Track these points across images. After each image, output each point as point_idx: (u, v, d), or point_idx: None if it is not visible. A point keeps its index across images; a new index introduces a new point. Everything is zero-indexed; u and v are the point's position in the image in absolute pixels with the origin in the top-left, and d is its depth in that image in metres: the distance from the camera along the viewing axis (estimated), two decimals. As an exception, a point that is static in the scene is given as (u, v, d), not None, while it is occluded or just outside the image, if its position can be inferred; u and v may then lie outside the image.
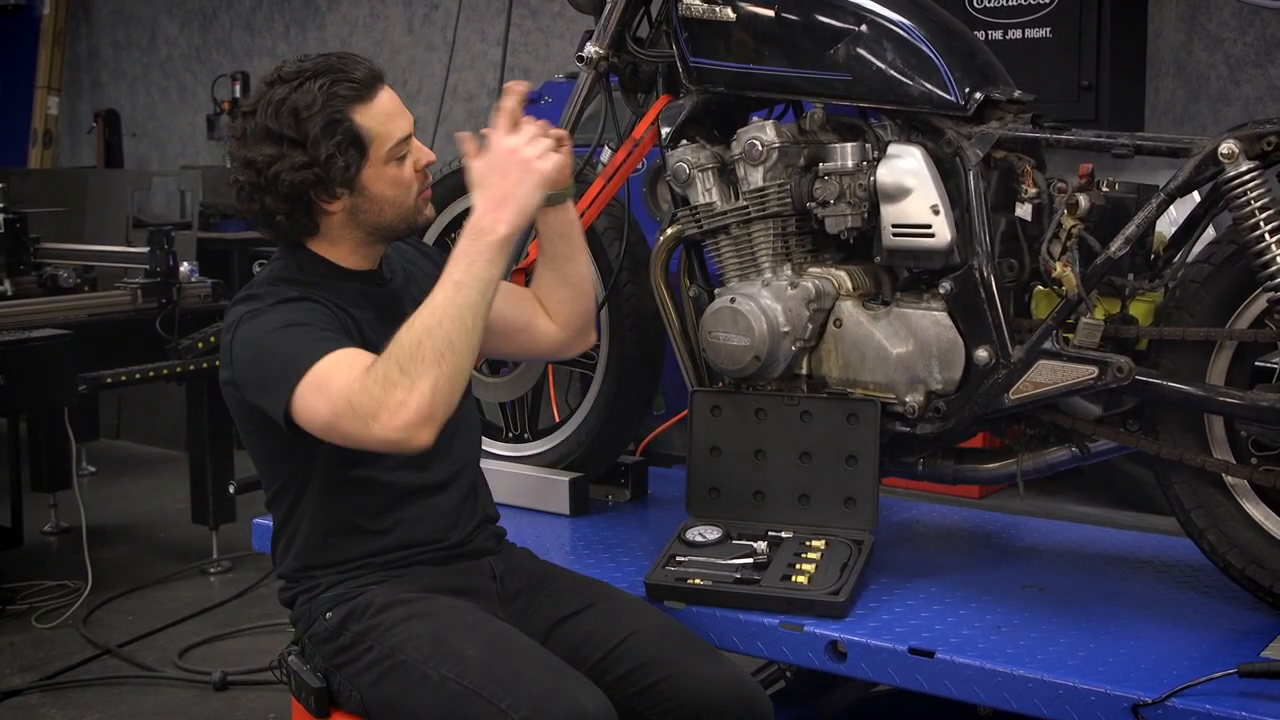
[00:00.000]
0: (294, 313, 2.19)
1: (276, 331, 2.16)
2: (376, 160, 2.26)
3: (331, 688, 2.27)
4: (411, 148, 2.31)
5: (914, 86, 2.57)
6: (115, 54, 9.84)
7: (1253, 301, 2.35)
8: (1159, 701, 2.03)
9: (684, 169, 2.75)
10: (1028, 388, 2.45)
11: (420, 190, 2.33)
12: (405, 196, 2.31)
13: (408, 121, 2.31)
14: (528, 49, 7.29)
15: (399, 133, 2.28)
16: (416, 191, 2.32)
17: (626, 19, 2.94)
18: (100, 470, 6.45)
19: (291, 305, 2.21)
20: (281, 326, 2.17)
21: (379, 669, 2.19)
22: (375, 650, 2.20)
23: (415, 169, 2.32)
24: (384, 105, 2.27)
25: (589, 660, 2.24)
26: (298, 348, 2.12)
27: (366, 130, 2.24)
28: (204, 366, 4.88)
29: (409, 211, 2.32)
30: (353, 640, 2.23)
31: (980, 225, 2.49)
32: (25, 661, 4.20)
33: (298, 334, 2.15)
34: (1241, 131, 2.33)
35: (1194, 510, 2.42)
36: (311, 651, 2.31)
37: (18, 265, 5.31)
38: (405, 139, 2.29)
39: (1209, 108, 5.40)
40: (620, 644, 2.25)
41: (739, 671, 2.26)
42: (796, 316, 2.62)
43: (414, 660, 2.15)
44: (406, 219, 2.33)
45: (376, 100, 2.26)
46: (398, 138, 2.28)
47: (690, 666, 2.21)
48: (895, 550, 2.76)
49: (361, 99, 2.25)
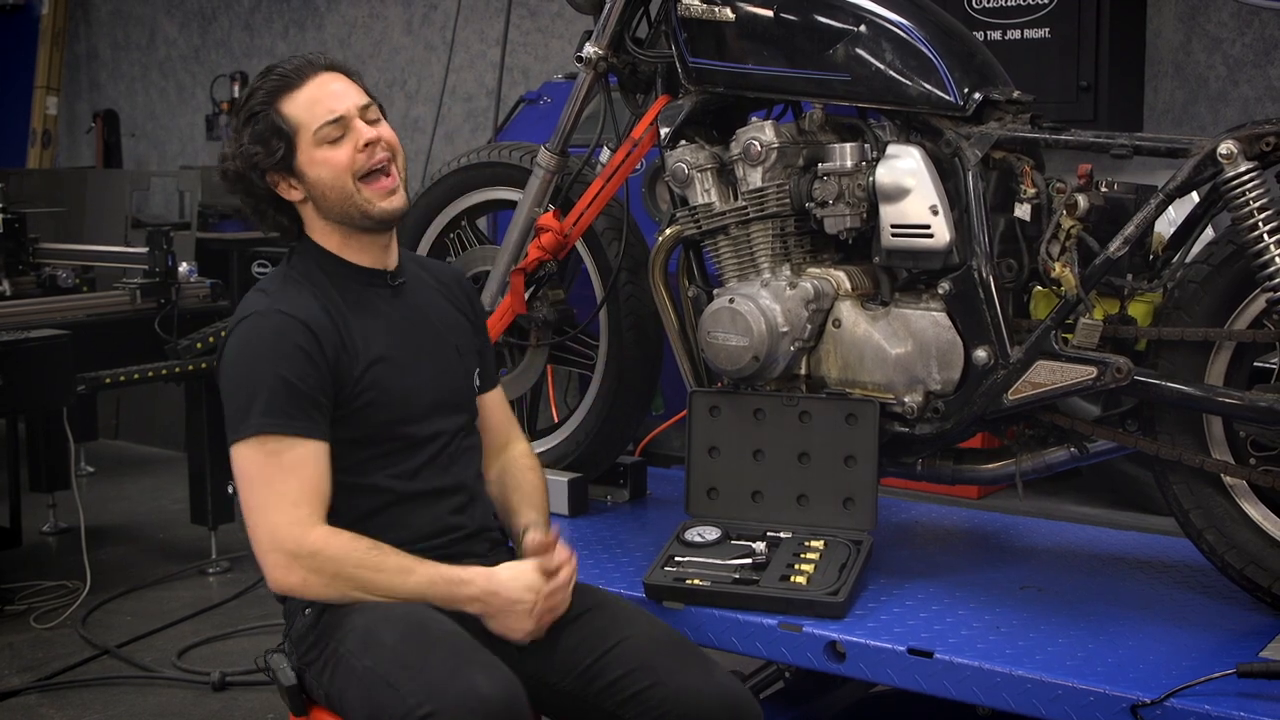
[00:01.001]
0: (277, 353, 2.24)
1: (258, 364, 2.25)
2: (306, 145, 2.31)
3: (305, 685, 2.29)
4: (350, 128, 2.31)
5: (913, 87, 2.57)
6: (114, 54, 9.84)
7: (1251, 302, 2.35)
8: (1157, 702, 2.03)
9: (683, 169, 2.75)
10: (1026, 388, 2.45)
11: (360, 174, 2.31)
12: (340, 179, 2.31)
13: (344, 104, 2.32)
14: (526, 49, 7.29)
15: (324, 115, 2.30)
16: (354, 172, 2.31)
17: (625, 19, 2.94)
18: (99, 470, 6.45)
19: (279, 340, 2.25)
20: (262, 360, 2.25)
21: (330, 664, 2.22)
22: (329, 646, 2.22)
23: (355, 149, 2.31)
24: (309, 92, 2.32)
25: (580, 665, 2.24)
26: (255, 403, 2.23)
27: (289, 118, 2.31)
28: (203, 367, 4.88)
29: (349, 197, 2.32)
30: (318, 637, 2.25)
31: (979, 225, 2.49)
32: (24, 662, 4.20)
33: (276, 386, 2.22)
34: (1240, 132, 2.33)
35: (1192, 510, 2.42)
36: (290, 649, 2.33)
37: (16, 265, 5.30)
38: (334, 121, 2.30)
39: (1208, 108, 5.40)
40: (610, 650, 2.24)
41: (729, 681, 2.26)
42: (795, 317, 2.62)
43: (347, 653, 2.18)
44: (350, 203, 2.32)
45: (303, 88, 2.32)
46: (322, 120, 2.30)
47: (678, 674, 2.20)
48: (894, 550, 2.76)
49: (287, 89, 2.32)
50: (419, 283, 2.49)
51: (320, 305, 2.31)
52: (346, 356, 2.30)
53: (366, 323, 2.35)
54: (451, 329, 2.48)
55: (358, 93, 2.36)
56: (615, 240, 3.04)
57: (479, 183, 3.23)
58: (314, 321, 2.28)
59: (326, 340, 2.28)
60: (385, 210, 2.35)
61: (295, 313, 2.28)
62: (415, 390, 2.36)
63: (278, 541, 2.21)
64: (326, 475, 2.25)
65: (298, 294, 2.32)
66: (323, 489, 2.24)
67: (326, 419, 2.27)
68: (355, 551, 2.21)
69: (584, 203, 2.97)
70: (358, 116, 2.33)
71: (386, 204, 2.35)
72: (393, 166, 2.36)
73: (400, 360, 2.36)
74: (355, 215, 2.34)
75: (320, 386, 2.26)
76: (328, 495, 2.25)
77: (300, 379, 2.24)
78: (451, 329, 2.48)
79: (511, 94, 6.29)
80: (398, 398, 2.34)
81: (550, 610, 2.24)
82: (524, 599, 2.21)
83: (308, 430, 2.23)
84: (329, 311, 2.31)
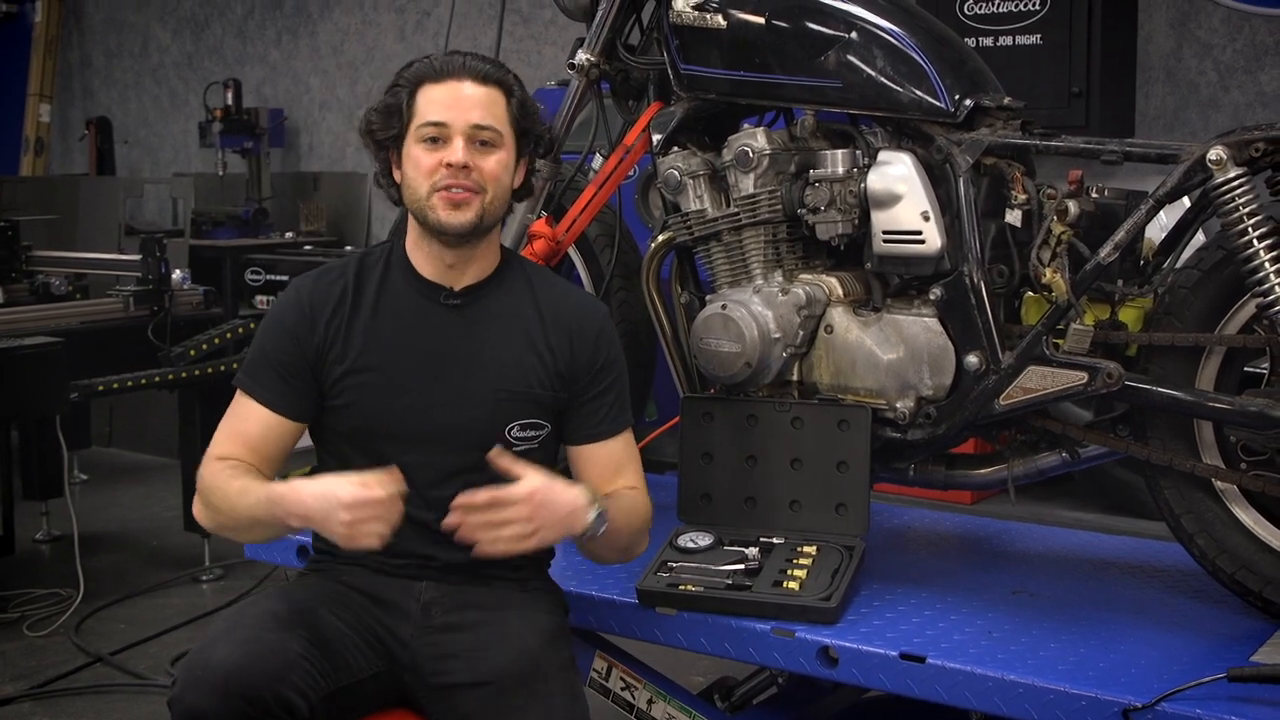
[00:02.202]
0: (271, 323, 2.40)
1: (262, 327, 2.43)
2: (411, 136, 2.34)
3: None
4: (448, 141, 2.31)
5: (904, 93, 2.58)
6: (107, 61, 9.84)
7: (1241, 307, 2.35)
8: (1149, 706, 2.03)
9: (675, 176, 2.75)
10: (1018, 393, 2.45)
11: (437, 186, 2.30)
12: (418, 181, 2.32)
13: (456, 115, 2.31)
14: (519, 56, 7.30)
15: (431, 114, 2.31)
16: (431, 184, 2.31)
17: (618, 26, 2.95)
18: (92, 478, 6.44)
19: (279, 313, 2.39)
20: (261, 327, 2.43)
21: None
22: None
23: (441, 162, 2.30)
24: (442, 92, 2.33)
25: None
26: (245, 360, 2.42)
27: (412, 104, 2.34)
28: (196, 374, 4.88)
29: (419, 201, 2.33)
30: None
31: (970, 231, 2.50)
32: (17, 670, 4.19)
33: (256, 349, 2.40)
34: (1230, 138, 2.34)
35: (1184, 515, 2.43)
36: None
37: (9, 273, 5.31)
38: (436, 123, 2.31)
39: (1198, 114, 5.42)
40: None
41: None
42: (787, 323, 2.63)
43: None
44: (418, 207, 2.34)
45: (441, 85, 2.33)
46: (428, 118, 2.31)
47: None
48: (886, 556, 2.76)
49: (429, 79, 2.35)
50: (504, 312, 2.40)
51: (340, 295, 2.37)
52: (336, 351, 2.34)
53: (384, 329, 2.35)
54: (505, 370, 2.36)
55: (485, 112, 2.32)
56: (608, 247, 3.04)
57: (472, 189, 3.23)
58: (318, 307, 2.36)
59: (320, 328, 2.35)
60: (442, 221, 2.31)
61: (307, 293, 2.39)
62: (402, 413, 2.32)
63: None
64: (269, 440, 2.34)
65: (337, 278, 2.40)
66: (257, 445, 2.33)
67: (296, 394, 2.35)
68: (217, 476, 2.29)
69: (576, 209, 2.97)
70: (463, 134, 2.30)
71: (446, 215, 2.30)
72: (474, 198, 2.31)
73: (396, 378, 2.33)
74: (419, 217, 2.36)
75: (295, 365, 2.35)
76: (266, 453, 2.34)
77: (272, 352, 2.36)
78: (505, 370, 2.36)
79: (504, 101, 6.28)
80: (375, 413, 2.33)
81: (374, 519, 2.11)
82: (313, 509, 2.14)
83: (266, 398, 2.34)
84: (346, 305, 2.36)
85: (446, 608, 2.32)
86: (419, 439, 2.33)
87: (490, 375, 2.35)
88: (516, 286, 2.44)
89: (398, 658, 2.28)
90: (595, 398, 2.43)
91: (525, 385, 2.37)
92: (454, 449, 2.33)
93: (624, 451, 2.46)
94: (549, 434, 2.41)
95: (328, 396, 2.35)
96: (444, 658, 2.27)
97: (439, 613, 2.32)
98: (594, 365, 2.42)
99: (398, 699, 2.31)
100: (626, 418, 2.48)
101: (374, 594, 2.32)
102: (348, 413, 2.34)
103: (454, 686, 2.24)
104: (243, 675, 2.04)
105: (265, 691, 2.05)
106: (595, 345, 2.43)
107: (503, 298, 2.42)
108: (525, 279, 2.46)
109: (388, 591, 2.32)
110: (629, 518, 2.37)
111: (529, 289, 2.45)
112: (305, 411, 2.36)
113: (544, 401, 2.39)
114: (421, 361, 2.35)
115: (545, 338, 2.40)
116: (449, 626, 2.30)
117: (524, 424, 2.37)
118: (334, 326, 2.35)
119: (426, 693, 2.28)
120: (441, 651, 2.27)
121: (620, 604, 2.52)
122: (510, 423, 2.36)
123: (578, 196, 2.99)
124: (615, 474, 2.44)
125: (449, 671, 2.25)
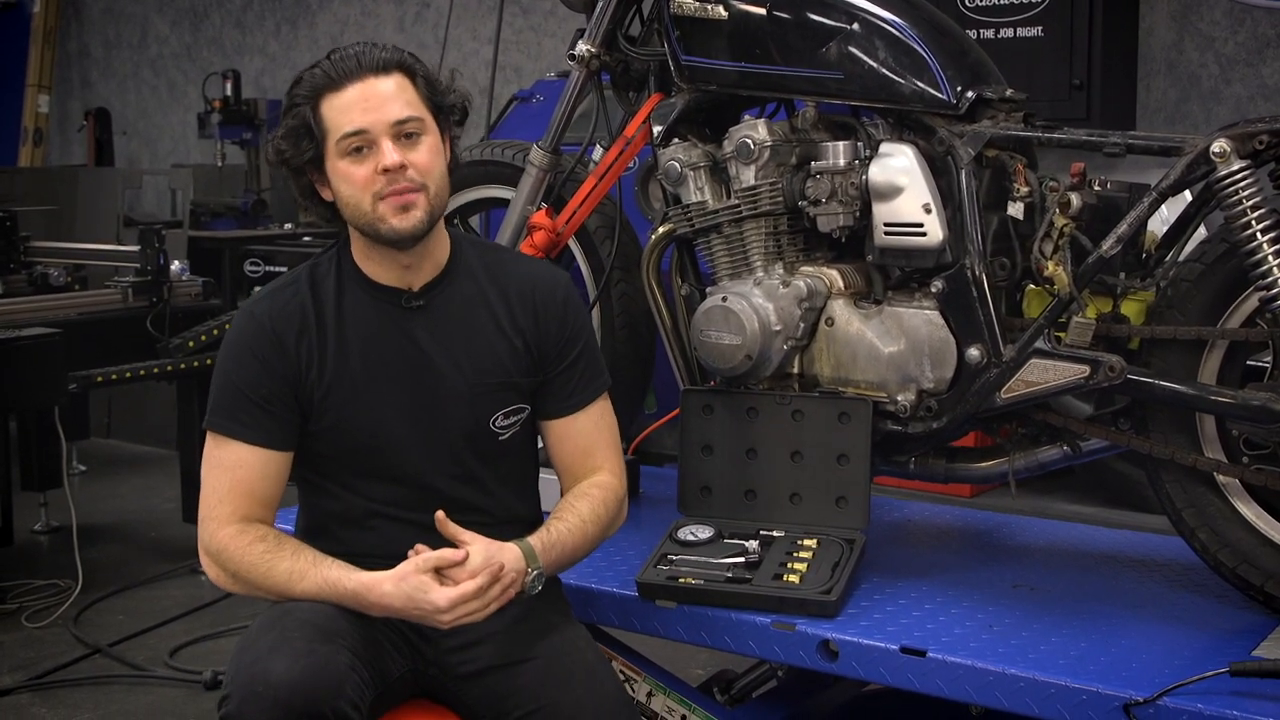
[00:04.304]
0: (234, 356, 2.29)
1: (222, 361, 2.31)
2: (332, 152, 2.22)
3: None
4: (376, 146, 2.19)
5: (906, 85, 2.57)
6: (106, 52, 9.82)
7: (1244, 300, 2.35)
8: (1150, 700, 2.03)
9: (676, 167, 2.74)
10: (1019, 386, 2.45)
11: (381, 195, 2.20)
12: (357, 196, 2.21)
13: (375, 117, 2.18)
14: (519, 47, 7.28)
15: (347, 126, 2.19)
16: (373, 194, 2.20)
17: (618, 17, 2.94)
18: (91, 469, 6.43)
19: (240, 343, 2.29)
20: (223, 361, 2.31)
21: None
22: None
23: (375, 171, 2.19)
24: (350, 95, 2.20)
25: (509, 715, 2.21)
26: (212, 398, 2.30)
27: (321, 118, 2.22)
28: (195, 365, 4.87)
29: (365, 215, 2.22)
30: None
31: (972, 224, 2.49)
32: (15, 661, 4.19)
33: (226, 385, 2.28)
34: (1233, 130, 2.33)
35: (1185, 509, 2.42)
36: None
37: (8, 264, 5.30)
38: (355, 133, 2.18)
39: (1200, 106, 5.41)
40: (534, 712, 2.19)
41: None
42: (788, 315, 2.62)
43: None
44: (365, 222, 2.23)
45: (344, 91, 2.20)
46: (345, 130, 2.19)
47: None
48: (887, 549, 2.76)
49: (329, 89, 2.22)
50: (467, 303, 2.35)
51: (302, 315, 2.28)
52: (314, 374, 2.27)
53: (352, 345, 2.29)
54: (479, 362, 2.33)
55: (402, 104, 2.21)
56: (608, 239, 3.03)
57: (471, 181, 3.22)
58: (282, 329, 2.27)
59: (291, 350, 2.26)
60: (395, 229, 2.21)
61: (268, 318, 2.28)
62: (387, 424, 2.29)
63: (200, 536, 2.26)
64: (268, 477, 2.26)
65: (292, 296, 2.30)
66: (257, 490, 2.25)
67: (280, 424, 2.26)
68: (250, 555, 2.19)
69: (576, 201, 2.97)
70: (387, 134, 2.19)
71: (397, 221, 2.21)
72: (419, 196, 2.21)
73: (375, 391, 2.29)
74: (369, 231, 2.25)
75: (271, 395, 2.25)
76: (267, 495, 2.26)
77: (248, 385, 2.25)
78: (479, 362, 2.33)
79: (504, 92, 6.28)
80: (360, 429, 2.28)
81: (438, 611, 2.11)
82: (393, 603, 2.12)
83: (248, 435, 2.25)
84: (310, 324, 2.28)
85: None
86: (409, 446, 2.30)
87: (466, 372, 2.32)
88: (473, 272, 2.38)
89: (422, 653, 2.27)
90: (565, 369, 2.41)
91: (502, 374, 2.35)
92: (445, 449, 2.32)
93: (596, 426, 2.44)
94: (528, 415, 2.41)
95: (309, 420, 2.28)
96: (467, 646, 2.27)
97: None
98: (562, 337, 2.40)
99: (421, 693, 2.31)
100: (599, 381, 2.46)
101: None
102: (334, 434, 2.29)
103: (483, 671, 2.25)
104: (305, 691, 2.01)
105: (325, 707, 2.02)
106: (562, 317, 2.40)
107: (462, 288, 2.37)
108: (479, 260, 2.40)
109: None
110: (580, 543, 2.34)
111: (485, 271, 2.40)
112: (292, 440, 2.28)
113: (522, 386, 2.38)
114: (397, 370, 2.30)
115: (512, 320, 2.37)
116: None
117: (506, 412, 2.36)
118: (304, 347, 2.27)
119: (455, 682, 2.27)
120: (464, 641, 2.26)
121: (620, 597, 2.52)
122: (493, 413, 2.35)
123: (578, 188, 2.98)
124: (588, 452, 2.44)
125: (476, 659, 2.26)
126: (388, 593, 2.12)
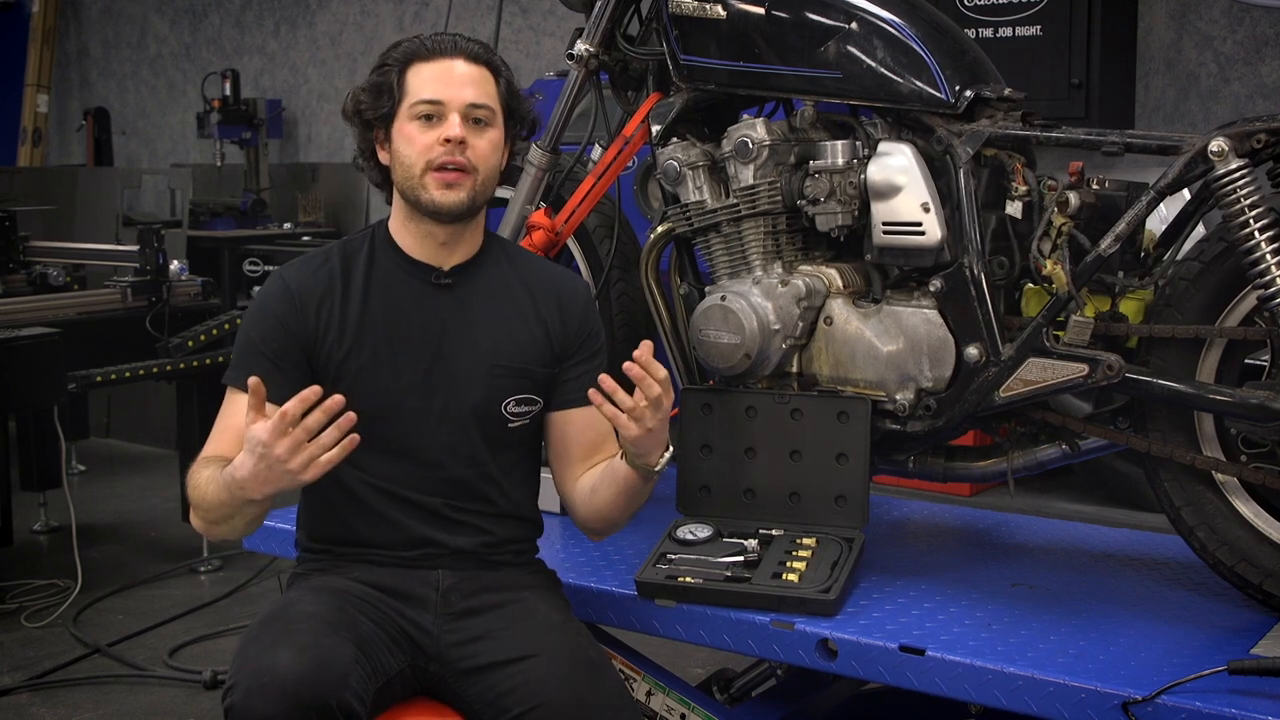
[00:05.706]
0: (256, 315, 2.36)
1: (245, 321, 2.40)
2: (403, 114, 2.33)
3: None
4: (444, 118, 2.30)
5: (904, 84, 2.57)
6: (105, 52, 9.82)
7: (1242, 299, 2.35)
8: (1149, 699, 2.03)
9: (674, 167, 2.75)
10: (1018, 385, 2.45)
11: (433, 164, 2.30)
12: (412, 158, 2.31)
13: (452, 92, 2.30)
14: (518, 46, 7.29)
15: (426, 93, 2.31)
16: (426, 161, 2.30)
17: (617, 17, 2.94)
18: (90, 469, 6.43)
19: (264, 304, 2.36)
20: (245, 319, 2.40)
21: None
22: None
23: (438, 140, 2.29)
24: (435, 69, 2.33)
25: (509, 712, 2.21)
26: (233, 356, 2.38)
27: (404, 82, 2.33)
28: (194, 365, 4.87)
29: (412, 179, 2.31)
30: None
31: (971, 223, 2.49)
32: (15, 661, 4.19)
33: (243, 341, 2.37)
34: (1231, 129, 2.33)
35: (1184, 507, 2.42)
36: None
37: (7, 264, 5.30)
38: (431, 101, 2.30)
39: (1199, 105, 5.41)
40: (534, 709, 2.19)
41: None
42: (787, 314, 2.62)
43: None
44: (410, 185, 2.32)
45: (433, 63, 2.34)
46: (422, 96, 2.31)
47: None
48: (886, 548, 2.76)
49: (420, 58, 2.35)
50: (494, 289, 2.42)
51: (329, 281, 2.35)
52: (332, 339, 2.32)
53: (377, 313, 2.34)
54: (500, 345, 2.38)
55: (480, 91, 2.33)
56: (607, 238, 3.04)
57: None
58: (306, 295, 2.34)
59: (311, 315, 2.33)
60: (435, 201, 2.31)
61: (294, 281, 2.36)
62: (402, 396, 2.33)
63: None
64: None
65: (321, 264, 2.38)
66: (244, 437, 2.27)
67: (295, 384, 2.22)
68: (194, 475, 2.24)
69: (575, 200, 2.97)
70: (459, 111, 2.31)
71: (440, 195, 2.31)
72: (466, 178, 2.31)
73: (394, 361, 2.33)
74: (411, 197, 2.34)
75: (281, 351, 2.31)
76: None
77: (261, 340, 2.33)
78: (500, 345, 2.38)
79: (503, 92, 6.27)
80: (375, 398, 2.30)
81: (264, 445, 2.05)
82: (247, 462, 2.07)
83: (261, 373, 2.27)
84: (335, 291, 2.34)
85: (464, 593, 2.33)
86: (420, 420, 2.34)
87: (485, 352, 2.37)
88: (501, 265, 2.46)
89: (423, 648, 2.28)
90: (582, 362, 2.46)
91: (521, 360, 2.40)
92: (455, 428, 2.35)
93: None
94: (540, 410, 2.44)
95: (323, 383, 2.27)
96: (469, 641, 2.28)
97: (458, 598, 2.33)
98: (583, 333, 2.47)
99: (421, 691, 2.32)
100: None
101: (394, 589, 2.31)
102: (348, 400, 2.31)
103: (486, 667, 2.25)
104: (312, 684, 2.02)
105: (331, 700, 2.03)
106: (584, 316, 2.48)
107: (491, 276, 2.44)
108: (507, 257, 2.48)
109: (407, 584, 2.32)
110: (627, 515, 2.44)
111: (512, 266, 2.47)
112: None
113: (538, 377, 2.41)
114: (418, 343, 2.35)
115: (536, 311, 2.43)
116: (469, 611, 2.32)
117: (519, 399, 2.40)
118: (325, 313, 2.34)
119: (455, 678, 2.27)
120: (466, 636, 2.28)
121: (619, 596, 2.52)
122: (507, 398, 2.38)
123: (576, 187, 2.98)
124: (599, 444, 2.46)
125: (477, 654, 2.26)
126: (240, 459, 2.10)
